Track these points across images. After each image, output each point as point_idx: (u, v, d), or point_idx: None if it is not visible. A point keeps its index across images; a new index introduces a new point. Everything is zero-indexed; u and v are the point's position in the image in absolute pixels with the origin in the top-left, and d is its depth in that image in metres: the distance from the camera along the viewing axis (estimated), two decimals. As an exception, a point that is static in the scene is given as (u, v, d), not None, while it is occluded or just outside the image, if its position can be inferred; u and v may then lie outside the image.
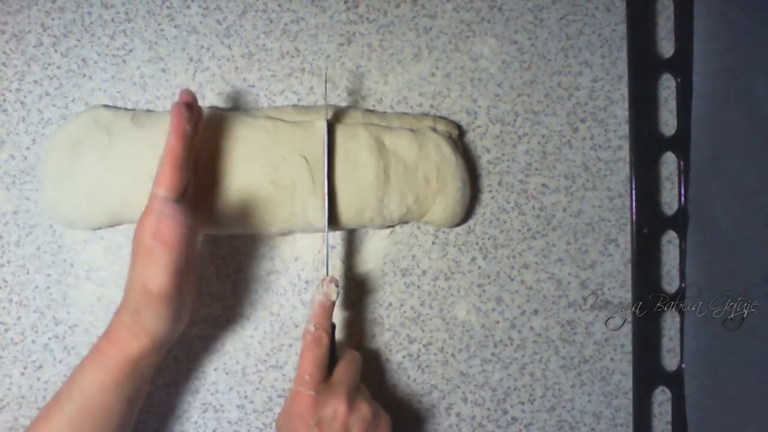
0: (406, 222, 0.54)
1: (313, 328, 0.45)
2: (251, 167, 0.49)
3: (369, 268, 0.55)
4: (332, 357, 0.47)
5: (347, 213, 0.51)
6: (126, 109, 0.52)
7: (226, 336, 0.54)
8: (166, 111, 0.52)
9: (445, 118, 0.55)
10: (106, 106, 0.53)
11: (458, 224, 0.55)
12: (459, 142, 0.55)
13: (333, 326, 0.47)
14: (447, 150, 0.52)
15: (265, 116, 0.51)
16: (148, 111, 0.53)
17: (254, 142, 0.50)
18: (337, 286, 0.47)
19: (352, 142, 0.50)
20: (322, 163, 0.49)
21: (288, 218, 0.50)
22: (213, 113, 0.51)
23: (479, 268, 0.56)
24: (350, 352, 0.48)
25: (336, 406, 0.43)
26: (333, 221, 0.50)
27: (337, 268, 0.54)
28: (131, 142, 0.49)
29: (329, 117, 0.50)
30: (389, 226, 0.54)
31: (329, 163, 0.49)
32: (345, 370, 0.46)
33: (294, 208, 0.50)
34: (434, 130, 0.53)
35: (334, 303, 0.47)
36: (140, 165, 0.49)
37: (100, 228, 0.52)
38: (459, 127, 0.55)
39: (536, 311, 0.56)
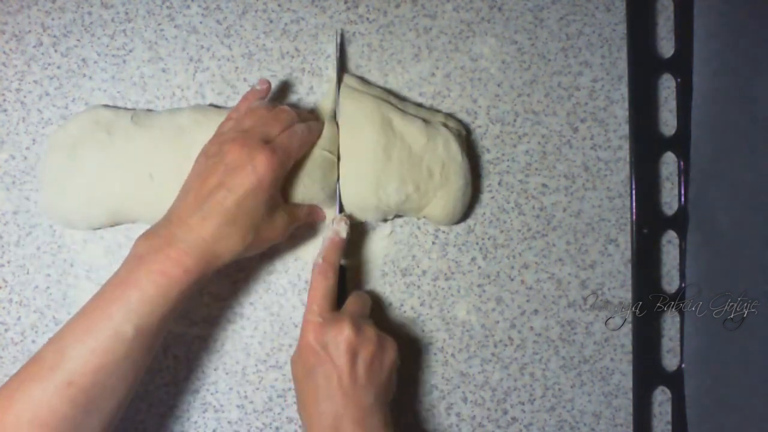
0: (405, 215, 0.54)
1: (321, 260, 0.47)
2: None
3: (369, 268, 0.55)
4: (343, 298, 0.49)
5: (346, 183, 0.51)
6: (126, 109, 0.52)
7: (226, 336, 0.54)
8: (166, 110, 0.52)
9: (455, 118, 0.55)
10: (106, 106, 0.53)
11: (456, 222, 0.55)
12: (466, 142, 0.55)
13: (343, 268, 0.50)
14: (455, 147, 0.52)
15: None
16: (148, 111, 0.53)
17: None
18: (347, 225, 0.49)
19: (358, 111, 0.51)
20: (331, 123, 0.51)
21: (300, 192, 0.50)
22: (211, 110, 0.51)
23: (479, 268, 0.56)
24: (358, 291, 0.51)
25: (342, 329, 0.45)
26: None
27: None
28: (131, 141, 0.49)
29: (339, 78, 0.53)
30: (386, 220, 0.54)
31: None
32: (352, 302, 0.49)
33: (304, 181, 0.50)
34: (445, 126, 0.53)
35: (343, 240, 0.49)
36: (140, 165, 0.49)
37: (100, 228, 0.52)
38: (466, 128, 0.55)
39: (536, 311, 0.56)
